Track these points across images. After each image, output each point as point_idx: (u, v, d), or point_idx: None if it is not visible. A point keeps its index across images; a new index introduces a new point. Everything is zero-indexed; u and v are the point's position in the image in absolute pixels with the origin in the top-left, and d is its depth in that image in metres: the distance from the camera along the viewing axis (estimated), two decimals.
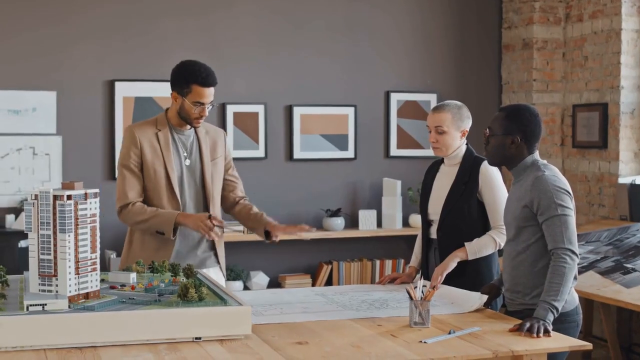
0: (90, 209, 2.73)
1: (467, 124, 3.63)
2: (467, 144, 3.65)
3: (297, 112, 6.12)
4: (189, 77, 3.46)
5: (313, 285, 6.01)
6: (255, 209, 3.71)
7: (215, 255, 3.68)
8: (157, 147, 3.52)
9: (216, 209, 3.65)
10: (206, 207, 3.61)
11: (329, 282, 6.09)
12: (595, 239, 5.31)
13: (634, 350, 5.70)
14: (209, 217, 3.40)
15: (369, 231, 6.11)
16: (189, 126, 3.58)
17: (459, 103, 3.66)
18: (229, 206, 3.77)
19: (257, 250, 5.93)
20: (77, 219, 2.68)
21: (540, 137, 3.15)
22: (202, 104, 3.47)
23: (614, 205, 5.78)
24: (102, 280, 3.02)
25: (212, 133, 3.68)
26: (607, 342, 5.26)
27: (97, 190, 2.77)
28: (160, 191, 3.52)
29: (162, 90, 5.80)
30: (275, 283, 6.04)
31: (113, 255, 5.55)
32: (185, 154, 3.58)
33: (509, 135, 3.10)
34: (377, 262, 6.19)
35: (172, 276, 3.10)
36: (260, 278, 5.92)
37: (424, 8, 6.41)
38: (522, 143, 3.10)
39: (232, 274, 5.78)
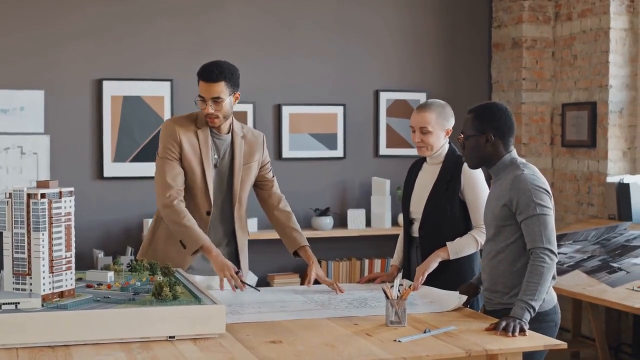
0: (65, 207, 2.72)
1: (451, 123, 3.62)
2: (449, 142, 3.65)
3: (286, 111, 6.10)
4: (199, 71, 3.48)
5: (302, 284, 5.99)
6: (292, 223, 3.71)
7: (235, 262, 3.67)
8: (196, 145, 3.49)
9: (242, 211, 3.64)
10: (231, 210, 3.60)
11: (317, 282, 6.05)
12: (583, 238, 5.30)
13: (622, 350, 5.69)
14: (237, 272, 3.33)
15: (358, 230, 6.10)
16: (225, 129, 3.54)
17: (442, 102, 3.64)
18: (267, 208, 3.76)
19: None
20: (52, 217, 2.68)
21: (514, 131, 3.13)
22: (203, 98, 3.44)
23: (602, 204, 5.77)
24: (79, 279, 3.01)
25: (249, 137, 3.64)
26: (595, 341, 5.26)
27: (71, 189, 2.76)
28: (195, 189, 3.50)
29: (150, 90, 5.80)
30: (263, 282, 6.03)
31: (101, 255, 5.53)
32: (216, 157, 3.54)
33: (483, 134, 3.09)
34: (366, 262, 6.18)
35: (149, 275, 3.10)
36: (248, 278, 5.89)
37: (414, 7, 6.40)
38: (496, 140, 3.09)
39: None
